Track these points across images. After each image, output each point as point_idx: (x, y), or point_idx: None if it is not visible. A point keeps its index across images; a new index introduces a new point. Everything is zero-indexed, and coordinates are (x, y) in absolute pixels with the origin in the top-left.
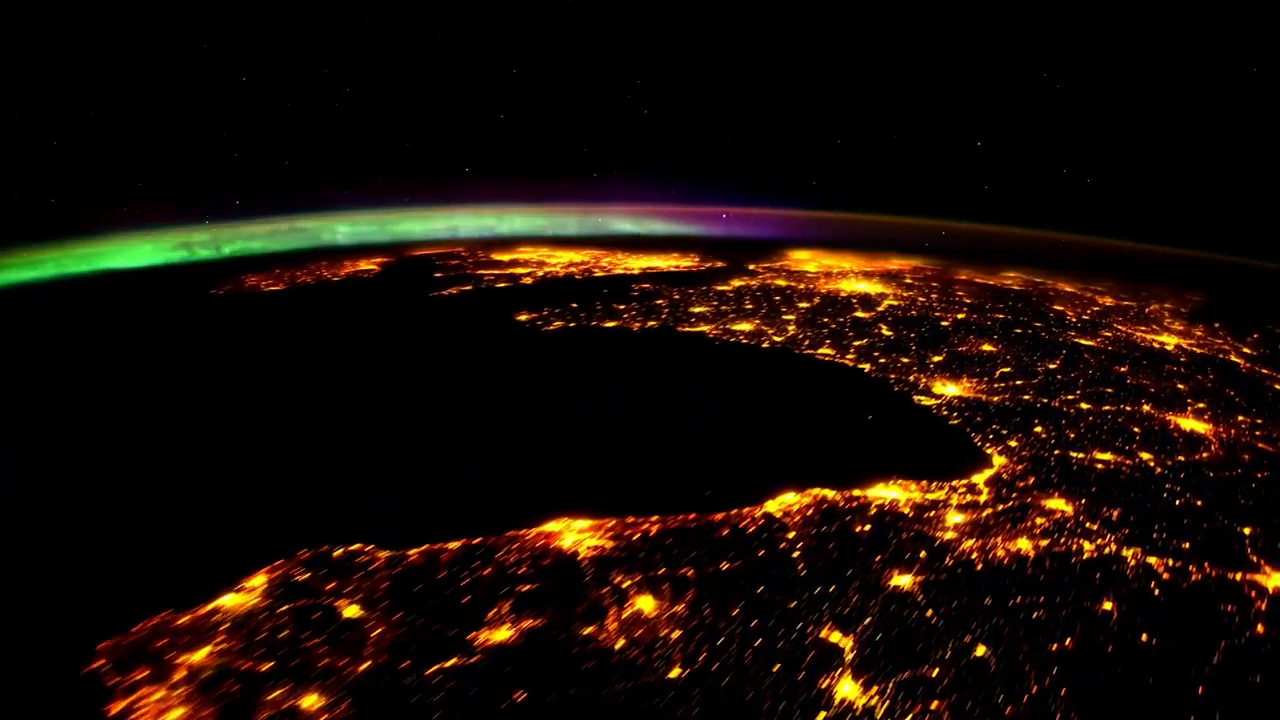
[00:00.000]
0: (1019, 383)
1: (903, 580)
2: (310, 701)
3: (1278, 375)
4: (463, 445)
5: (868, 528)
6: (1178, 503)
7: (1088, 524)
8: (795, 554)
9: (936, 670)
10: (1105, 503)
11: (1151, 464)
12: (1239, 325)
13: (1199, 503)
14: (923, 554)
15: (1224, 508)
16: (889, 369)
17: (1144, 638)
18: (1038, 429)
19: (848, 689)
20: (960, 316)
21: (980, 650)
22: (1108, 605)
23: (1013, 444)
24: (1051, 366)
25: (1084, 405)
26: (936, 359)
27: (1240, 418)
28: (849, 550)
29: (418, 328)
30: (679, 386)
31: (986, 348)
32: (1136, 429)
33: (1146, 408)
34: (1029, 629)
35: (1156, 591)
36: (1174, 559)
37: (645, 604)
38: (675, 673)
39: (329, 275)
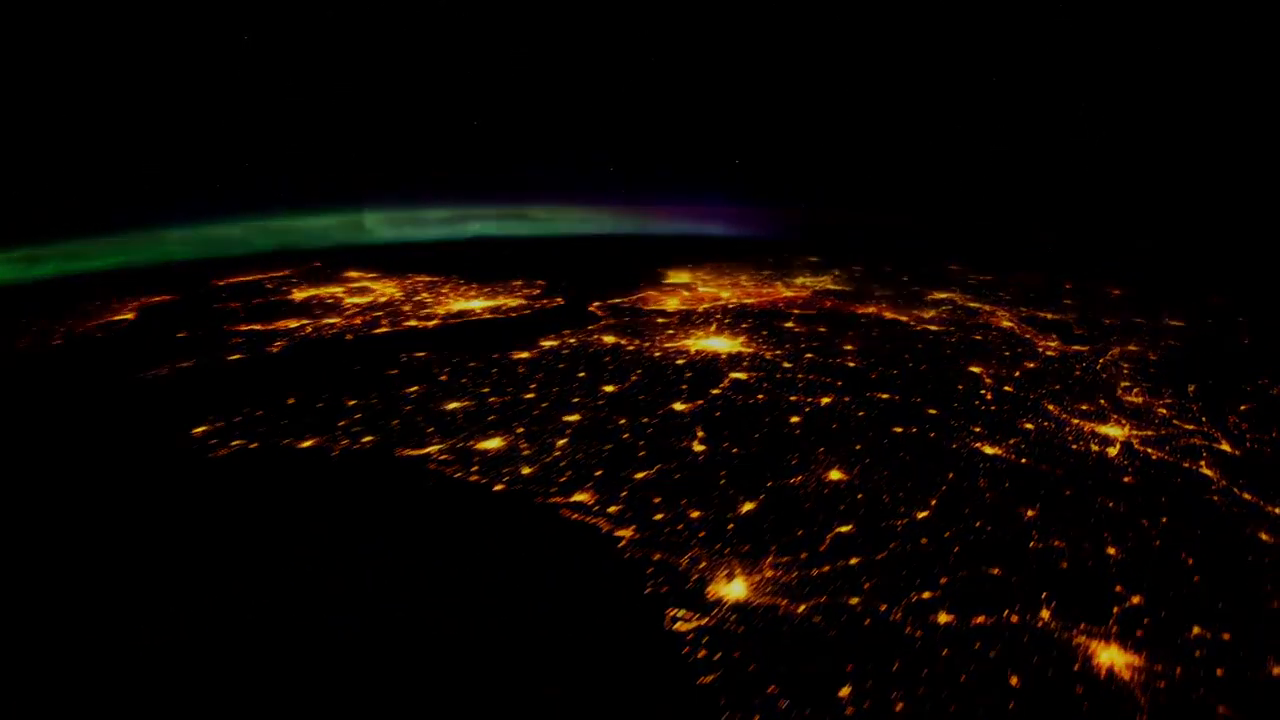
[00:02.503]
0: (854, 563)
1: None
2: None
3: (1268, 504)
4: None
5: None
6: None
7: None
8: None
9: None
10: None
11: None
12: (1227, 379)
13: None
14: None
15: None
16: (658, 540)
17: None
18: (843, 692)
19: None
20: (825, 401)
21: None
22: None
23: None
24: (920, 516)
25: (943, 617)
26: (747, 507)
27: (1195, 629)
28: None
29: (21, 468)
30: (276, 610)
31: (834, 476)
32: (1015, 678)
33: (1045, 613)
34: None
35: None
36: None
37: None
38: None
39: (50, 340)
